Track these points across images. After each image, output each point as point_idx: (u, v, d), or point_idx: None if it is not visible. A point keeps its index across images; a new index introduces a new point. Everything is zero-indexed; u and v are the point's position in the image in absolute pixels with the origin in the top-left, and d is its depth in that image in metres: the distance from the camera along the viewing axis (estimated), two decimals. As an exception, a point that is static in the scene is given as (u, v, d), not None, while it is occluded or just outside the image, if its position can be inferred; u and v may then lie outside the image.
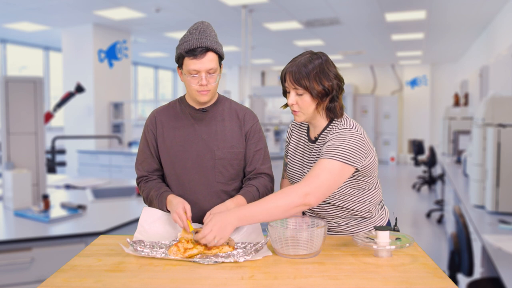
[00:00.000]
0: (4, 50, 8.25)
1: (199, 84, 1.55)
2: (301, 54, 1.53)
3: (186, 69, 1.55)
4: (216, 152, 1.63)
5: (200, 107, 1.66)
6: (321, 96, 1.49)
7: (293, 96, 1.51)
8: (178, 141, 1.65)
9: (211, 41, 1.54)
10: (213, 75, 1.56)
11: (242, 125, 1.68)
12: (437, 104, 12.36)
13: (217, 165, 1.63)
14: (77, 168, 7.15)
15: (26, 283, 2.34)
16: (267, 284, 1.17)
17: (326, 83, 1.48)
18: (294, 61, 1.51)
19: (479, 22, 6.92)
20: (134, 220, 2.68)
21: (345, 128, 1.48)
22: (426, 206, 6.89)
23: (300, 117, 1.55)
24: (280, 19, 6.82)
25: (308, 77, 1.46)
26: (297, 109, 1.53)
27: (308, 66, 1.47)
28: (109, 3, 5.83)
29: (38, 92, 3.03)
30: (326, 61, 1.50)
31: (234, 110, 1.70)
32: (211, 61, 1.54)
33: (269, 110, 11.52)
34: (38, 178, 3.06)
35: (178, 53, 1.55)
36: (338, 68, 1.54)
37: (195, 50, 1.51)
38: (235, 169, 1.66)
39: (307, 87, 1.47)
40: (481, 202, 2.99)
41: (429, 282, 1.17)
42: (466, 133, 5.51)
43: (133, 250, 1.39)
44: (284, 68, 1.54)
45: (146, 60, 11.38)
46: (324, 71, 1.48)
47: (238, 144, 1.66)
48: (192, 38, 1.52)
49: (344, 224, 1.61)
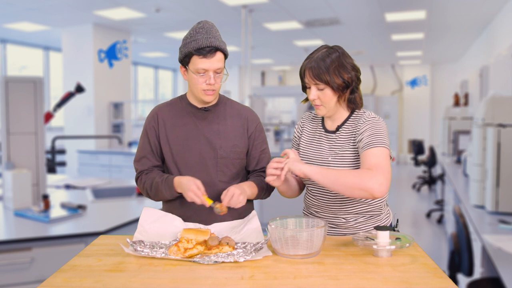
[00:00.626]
0: (4, 50, 8.25)
1: (207, 84, 1.56)
2: (317, 49, 1.56)
3: (193, 68, 1.56)
4: (219, 151, 1.64)
5: (202, 106, 1.66)
6: (341, 89, 1.53)
7: (314, 91, 1.55)
8: (180, 139, 1.65)
9: (219, 41, 1.56)
10: (219, 74, 1.58)
11: (245, 125, 1.69)
12: (437, 104, 12.37)
13: (220, 164, 1.64)
14: (77, 168, 7.15)
15: (26, 283, 2.34)
16: (267, 284, 1.17)
17: (346, 75, 1.52)
18: (312, 57, 1.54)
19: (479, 22, 6.92)
20: (134, 220, 2.68)
21: (374, 117, 1.55)
22: (426, 206, 6.89)
23: (322, 111, 1.58)
24: (280, 19, 6.82)
25: (328, 71, 1.50)
26: (319, 103, 1.56)
27: (326, 61, 1.51)
28: (109, 3, 5.83)
29: (38, 92, 3.03)
30: (342, 54, 1.54)
31: (236, 110, 1.71)
32: (219, 61, 1.56)
33: (269, 110, 11.53)
34: (38, 178, 3.06)
35: (186, 51, 1.55)
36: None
37: (205, 49, 1.52)
38: (236, 168, 1.67)
39: (328, 82, 1.51)
40: (481, 202, 2.98)
41: (429, 282, 1.17)
42: (466, 133, 5.51)
43: (133, 250, 1.39)
44: (303, 64, 1.57)
45: (146, 60, 11.38)
46: (343, 64, 1.52)
47: (240, 143, 1.67)
48: (201, 37, 1.53)
49: (353, 220, 1.61)
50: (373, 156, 1.46)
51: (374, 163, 1.44)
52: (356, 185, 1.40)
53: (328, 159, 1.58)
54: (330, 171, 1.46)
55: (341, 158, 1.56)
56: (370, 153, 1.47)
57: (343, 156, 1.56)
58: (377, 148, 1.47)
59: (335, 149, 1.59)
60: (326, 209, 1.62)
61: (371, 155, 1.46)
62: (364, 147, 1.49)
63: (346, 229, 1.62)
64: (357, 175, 1.42)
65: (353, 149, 1.56)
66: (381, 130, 1.52)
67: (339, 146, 1.58)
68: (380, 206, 1.63)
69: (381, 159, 1.46)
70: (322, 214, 1.64)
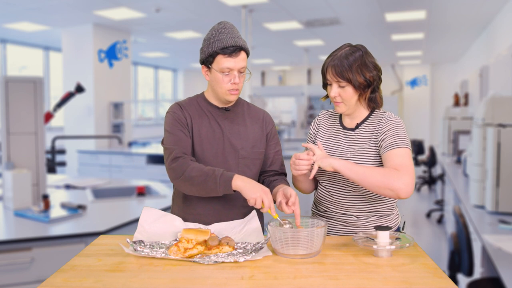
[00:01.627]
0: (4, 50, 8.25)
1: (232, 83, 1.57)
2: (340, 48, 1.57)
3: (218, 67, 1.56)
4: (240, 151, 1.65)
5: (223, 106, 1.67)
6: (363, 87, 1.54)
7: (336, 88, 1.56)
8: (203, 137, 1.63)
9: (242, 40, 1.59)
10: (243, 74, 1.60)
11: (263, 126, 1.72)
12: (437, 104, 12.37)
13: (241, 164, 1.65)
14: (77, 168, 7.15)
15: (26, 283, 2.34)
16: (267, 284, 1.17)
17: (368, 74, 1.53)
18: (335, 55, 1.56)
19: (479, 22, 6.92)
20: (134, 220, 2.68)
21: (395, 118, 1.57)
22: (426, 206, 6.89)
23: (342, 108, 1.59)
24: (280, 19, 6.82)
25: (350, 69, 1.51)
26: (339, 100, 1.57)
27: (349, 59, 1.52)
28: (109, 3, 5.83)
29: (38, 92, 3.03)
30: (365, 53, 1.56)
31: (253, 111, 1.74)
32: (243, 60, 1.58)
33: (269, 110, 11.51)
34: (38, 178, 3.06)
35: (211, 51, 1.55)
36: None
37: (229, 48, 1.54)
38: (256, 168, 1.69)
39: (350, 80, 1.52)
40: (481, 202, 2.98)
41: (429, 282, 1.17)
42: (466, 133, 5.51)
43: (133, 250, 1.39)
44: (325, 62, 1.58)
45: (146, 60, 11.38)
46: (365, 62, 1.53)
47: (259, 144, 1.69)
48: (225, 37, 1.55)
49: (365, 219, 1.61)
50: (397, 157, 1.48)
51: (399, 163, 1.46)
52: (384, 184, 1.42)
53: (347, 155, 1.59)
54: (359, 167, 1.47)
55: (361, 156, 1.57)
56: (395, 153, 1.49)
57: (362, 153, 1.57)
58: (402, 149, 1.49)
59: (354, 146, 1.60)
60: (338, 205, 1.62)
61: (395, 156, 1.48)
62: (388, 147, 1.51)
63: (357, 227, 1.61)
64: (386, 174, 1.44)
65: (373, 148, 1.57)
66: (403, 131, 1.54)
67: (359, 144, 1.59)
68: (392, 206, 1.64)
69: (406, 159, 1.48)
70: (334, 210, 1.64)
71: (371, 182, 1.43)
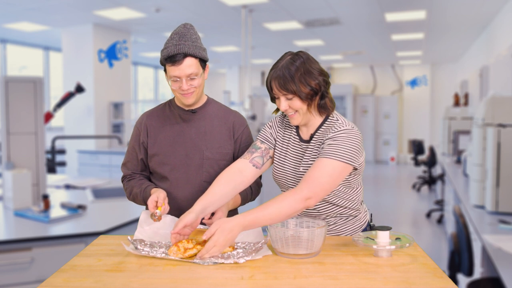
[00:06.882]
0: (4, 50, 8.25)
1: (180, 89, 1.59)
2: (282, 57, 1.51)
3: (168, 75, 1.59)
4: (205, 152, 1.67)
5: (189, 108, 1.69)
6: (310, 97, 1.48)
7: (284, 102, 1.49)
8: (167, 142, 1.68)
9: (189, 46, 1.54)
10: (194, 78, 1.58)
11: (231, 129, 1.72)
12: (437, 104, 12.37)
13: (205, 165, 1.67)
14: (77, 168, 7.15)
15: (26, 283, 2.34)
16: (267, 284, 1.17)
17: (313, 82, 1.46)
18: (277, 66, 1.49)
19: (479, 22, 6.92)
20: (134, 220, 2.68)
21: (346, 128, 1.47)
22: (426, 206, 6.89)
23: (297, 119, 1.53)
24: (280, 19, 6.82)
25: (293, 80, 1.45)
26: (291, 112, 1.51)
27: (291, 69, 1.45)
28: (109, 3, 5.83)
29: (38, 92, 3.03)
30: (307, 59, 1.49)
31: (223, 113, 1.74)
32: (190, 67, 1.55)
33: (269, 110, 11.50)
34: (38, 178, 3.06)
35: (161, 59, 1.59)
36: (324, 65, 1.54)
37: (174, 57, 1.53)
38: (221, 169, 1.67)
39: (295, 91, 1.46)
40: (481, 202, 2.98)
41: (429, 282, 1.17)
42: (466, 133, 5.51)
43: (134, 249, 1.39)
44: (268, 75, 1.52)
45: (146, 60, 11.38)
46: (308, 70, 1.46)
47: (226, 145, 1.70)
48: (171, 45, 1.54)
49: (333, 223, 1.61)
50: (318, 168, 1.41)
51: (312, 176, 1.40)
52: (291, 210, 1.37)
53: (299, 169, 1.55)
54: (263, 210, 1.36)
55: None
56: (318, 163, 1.42)
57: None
58: (328, 160, 1.41)
59: (306, 159, 1.55)
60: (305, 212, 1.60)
61: (316, 166, 1.42)
62: (320, 155, 1.45)
63: (328, 232, 1.60)
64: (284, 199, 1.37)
65: None
66: (346, 142, 1.44)
67: (311, 156, 1.53)
68: (356, 207, 1.61)
69: (324, 173, 1.40)
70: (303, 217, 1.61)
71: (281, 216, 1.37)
